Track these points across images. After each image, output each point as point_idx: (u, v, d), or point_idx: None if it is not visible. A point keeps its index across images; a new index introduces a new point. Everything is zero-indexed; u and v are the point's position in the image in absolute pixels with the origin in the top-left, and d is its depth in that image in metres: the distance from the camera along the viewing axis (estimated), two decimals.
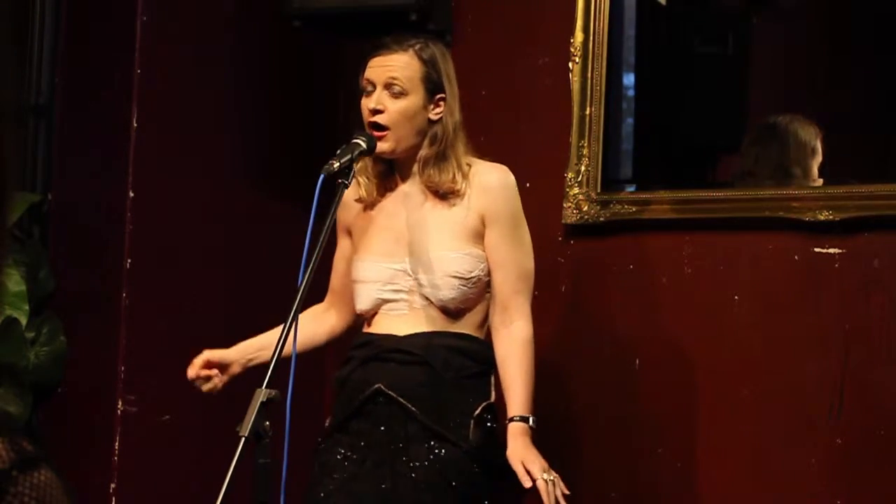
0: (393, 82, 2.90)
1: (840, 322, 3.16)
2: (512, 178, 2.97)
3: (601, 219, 3.45)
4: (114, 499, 3.55)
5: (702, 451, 3.32)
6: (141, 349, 3.60)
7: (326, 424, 2.98)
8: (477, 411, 2.88)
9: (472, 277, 2.90)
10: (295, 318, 2.61)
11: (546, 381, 3.54)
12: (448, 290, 2.89)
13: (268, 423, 2.64)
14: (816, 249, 3.20)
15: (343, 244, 3.09)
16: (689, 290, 3.36)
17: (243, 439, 2.44)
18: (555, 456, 3.49)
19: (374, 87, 2.91)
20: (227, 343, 3.75)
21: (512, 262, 2.93)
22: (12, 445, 0.98)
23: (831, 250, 3.18)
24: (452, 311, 2.91)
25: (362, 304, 2.96)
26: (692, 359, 3.34)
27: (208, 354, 3.04)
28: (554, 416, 3.52)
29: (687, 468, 3.33)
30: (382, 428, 2.86)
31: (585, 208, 3.47)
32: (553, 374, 3.54)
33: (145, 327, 3.61)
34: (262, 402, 2.47)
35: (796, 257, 3.23)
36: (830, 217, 3.16)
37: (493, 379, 2.96)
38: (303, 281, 2.67)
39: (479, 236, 2.93)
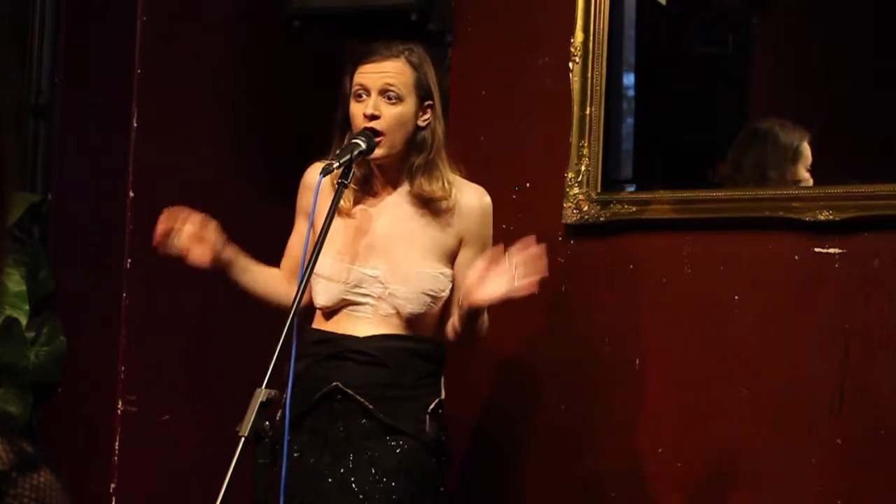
0: (389, 88, 2.92)
1: (840, 322, 3.16)
2: (489, 199, 3.05)
3: (601, 219, 3.45)
4: (114, 499, 3.55)
5: (702, 451, 3.32)
6: (141, 349, 3.60)
7: (277, 418, 2.96)
8: (431, 406, 2.96)
9: (441, 296, 2.98)
10: (294, 318, 2.61)
11: (546, 380, 3.55)
12: (418, 306, 2.95)
13: (267, 423, 2.65)
14: (816, 249, 3.20)
15: (302, 229, 3.07)
16: (689, 290, 3.36)
17: (243, 439, 2.44)
18: (555, 455, 3.50)
19: (368, 93, 2.93)
20: (227, 346, 3.76)
21: None
22: (12, 447, 0.98)
23: (831, 250, 3.18)
24: (414, 322, 2.97)
25: (323, 300, 2.98)
26: (692, 359, 3.34)
27: (205, 229, 2.98)
28: (554, 416, 3.52)
29: (687, 468, 3.33)
30: (340, 425, 2.91)
31: (585, 208, 3.47)
32: (553, 374, 3.54)
33: (145, 327, 3.61)
34: (261, 402, 2.48)
35: (796, 257, 3.23)
36: (830, 217, 3.16)
37: (443, 378, 3.04)
38: (303, 280, 2.68)
39: (453, 256, 3.00)
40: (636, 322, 3.42)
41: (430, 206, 2.99)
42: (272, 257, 3.82)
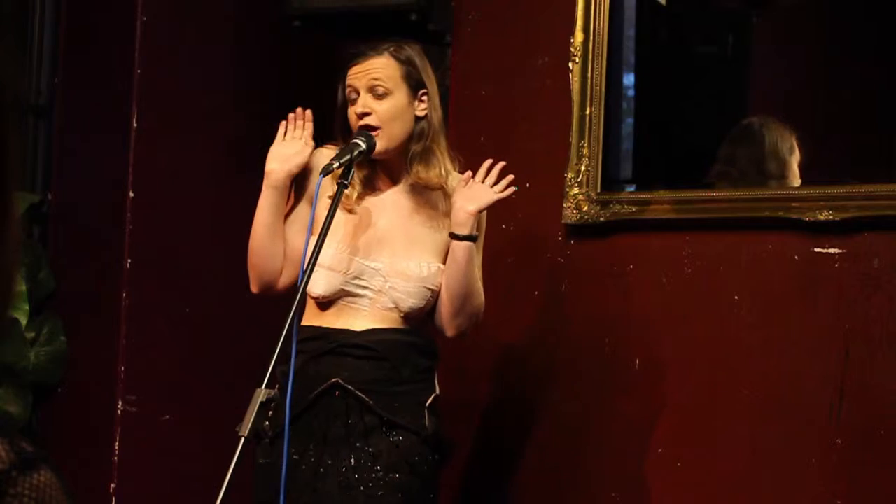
0: (375, 84, 2.95)
1: (840, 322, 3.16)
2: None
3: (601, 219, 3.45)
4: (114, 499, 3.55)
5: (702, 451, 3.32)
6: (141, 349, 3.60)
7: (269, 416, 2.92)
8: (429, 402, 2.97)
9: (437, 289, 2.99)
10: (294, 318, 2.61)
11: (545, 381, 3.55)
12: (419, 300, 2.97)
13: (267, 423, 2.65)
14: (816, 249, 3.20)
15: (301, 210, 3.01)
16: (689, 290, 3.36)
17: (243, 439, 2.44)
18: (555, 456, 3.50)
19: (358, 93, 2.96)
20: (227, 346, 3.75)
21: (478, 272, 3.05)
22: (12, 446, 0.98)
23: (831, 250, 3.18)
24: (411, 317, 2.98)
25: (320, 290, 2.95)
26: (692, 359, 3.34)
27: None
28: (554, 416, 3.52)
29: (687, 468, 3.33)
30: (338, 422, 2.90)
31: (585, 208, 3.47)
32: (552, 374, 3.54)
33: (145, 327, 3.61)
34: (261, 402, 2.48)
35: (796, 257, 3.23)
36: (830, 217, 3.16)
37: (436, 374, 3.05)
38: (302, 280, 2.68)
39: (447, 250, 3.01)
40: (636, 322, 3.42)
41: (430, 199, 3.01)
42: None
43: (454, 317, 3.01)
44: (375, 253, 2.96)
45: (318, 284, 2.95)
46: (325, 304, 2.98)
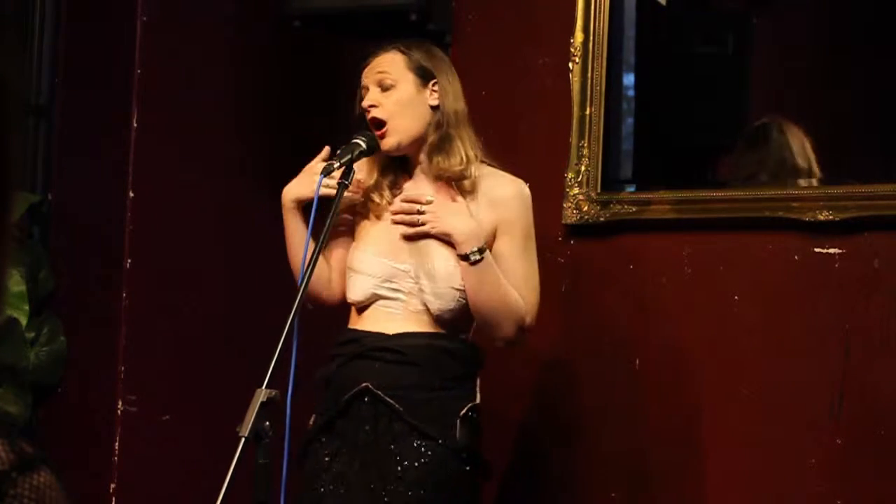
0: (381, 76, 2.94)
1: (840, 322, 3.16)
2: (528, 191, 3.01)
3: (601, 219, 3.45)
4: (114, 499, 3.55)
5: (702, 450, 3.32)
6: (141, 349, 3.60)
7: (311, 423, 2.96)
8: (463, 411, 2.89)
9: (464, 288, 2.90)
10: (295, 318, 2.61)
11: (546, 381, 3.55)
12: (449, 301, 2.90)
13: (268, 423, 2.64)
14: (816, 249, 3.20)
15: (341, 222, 3.02)
16: (689, 290, 3.36)
17: (243, 439, 2.44)
18: (556, 455, 3.50)
19: (369, 90, 2.95)
20: (227, 346, 3.75)
21: (520, 274, 2.94)
22: (12, 447, 0.98)
23: (831, 250, 3.18)
24: (446, 321, 2.92)
25: (355, 295, 2.96)
26: (692, 359, 3.34)
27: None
28: (554, 416, 3.52)
29: (687, 468, 3.33)
30: (368, 428, 2.86)
31: (585, 208, 3.47)
32: (553, 375, 3.54)
33: (145, 327, 3.61)
34: (261, 402, 2.48)
35: (796, 257, 3.23)
36: (830, 217, 3.16)
37: (478, 381, 2.98)
38: (303, 281, 2.68)
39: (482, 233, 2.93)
40: (636, 322, 3.42)
41: (451, 191, 2.95)
42: (271, 256, 3.82)
43: (494, 329, 2.94)
44: (403, 254, 2.93)
45: (353, 290, 2.96)
46: (361, 308, 2.96)
